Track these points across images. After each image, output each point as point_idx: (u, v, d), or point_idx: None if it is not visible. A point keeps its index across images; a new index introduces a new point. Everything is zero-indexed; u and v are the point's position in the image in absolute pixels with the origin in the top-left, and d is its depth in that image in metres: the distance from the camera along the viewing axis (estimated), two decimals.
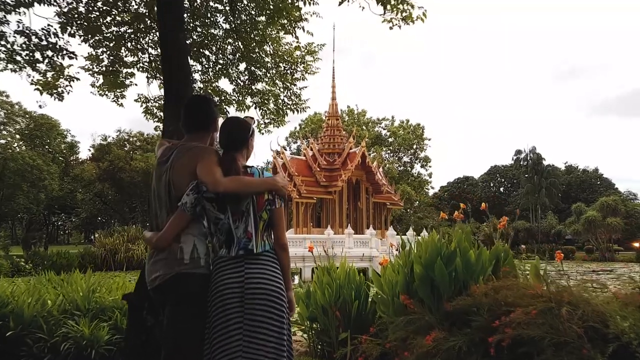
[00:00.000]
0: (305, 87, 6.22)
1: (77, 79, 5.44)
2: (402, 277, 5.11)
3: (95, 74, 5.81)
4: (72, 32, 5.31)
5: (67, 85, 5.49)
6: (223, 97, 5.93)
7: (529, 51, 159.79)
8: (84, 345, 4.46)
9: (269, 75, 6.06)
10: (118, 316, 4.78)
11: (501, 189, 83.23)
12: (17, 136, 41.44)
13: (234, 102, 5.96)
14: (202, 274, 2.33)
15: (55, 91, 5.35)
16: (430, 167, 50.43)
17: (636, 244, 44.38)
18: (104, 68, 5.68)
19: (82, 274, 5.85)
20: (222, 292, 2.26)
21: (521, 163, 72.49)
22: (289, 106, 6.16)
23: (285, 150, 31.98)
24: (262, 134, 6.06)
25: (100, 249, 28.94)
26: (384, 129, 49.84)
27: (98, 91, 5.91)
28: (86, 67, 5.77)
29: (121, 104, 5.87)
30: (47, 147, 44.01)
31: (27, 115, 40.67)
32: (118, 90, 5.90)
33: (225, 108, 5.87)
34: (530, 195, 65.07)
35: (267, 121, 6.19)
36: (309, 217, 26.67)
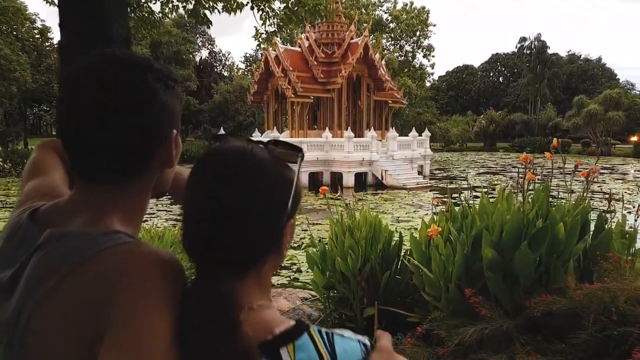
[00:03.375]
0: None
1: None
2: (460, 257, 3.75)
3: None
4: None
5: None
6: None
7: None
8: None
9: None
10: None
11: (501, 79, 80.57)
12: None
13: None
14: None
15: None
16: (433, 56, 47.21)
17: (634, 138, 43.75)
18: None
19: None
20: None
21: (524, 51, 69.16)
22: (305, 5, 4.01)
23: (277, 37, 29.08)
24: (262, 47, 4.20)
25: None
26: (385, 13, 45.53)
27: None
28: None
29: (52, 1, 3.93)
30: (14, 34, 39.86)
31: None
32: None
33: (201, 12, 3.80)
34: (531, 86, 63.01)
35: (269, 29, 4.21)
36: (305, 118, 24.87)
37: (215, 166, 0.73)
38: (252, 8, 4.27)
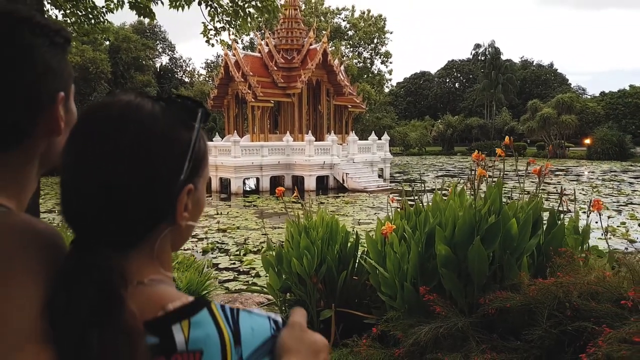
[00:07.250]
0: None
1: None
2: (414, 255, 3.68)
3: None
4: None
5: None
6: None
7: None
8: None
9: None
10: None
11: (457, 85, 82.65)
12: None
13: None
14: None
15: None
16: (390, 63, 47.94)
17: (587, 141, 45.56)
18: None
19: None
20: None
21: (479, 58, 71.33)
22: (253, 4, 3.86)
23: (237, 43, 28.78)
24: (212, 45, 4.04)
25: None
26: (344, 21, 46.01)
27: None
28: None
29: None
30: None
31: None
32: None
33: (143, 2, 3.61)
34: (486, 91, 64.95)
35: (218, 25, 4.03)
36: (266, 123, 24.64)
37: (90, 123, 0.62)
38: (199, 3, 4.10)
